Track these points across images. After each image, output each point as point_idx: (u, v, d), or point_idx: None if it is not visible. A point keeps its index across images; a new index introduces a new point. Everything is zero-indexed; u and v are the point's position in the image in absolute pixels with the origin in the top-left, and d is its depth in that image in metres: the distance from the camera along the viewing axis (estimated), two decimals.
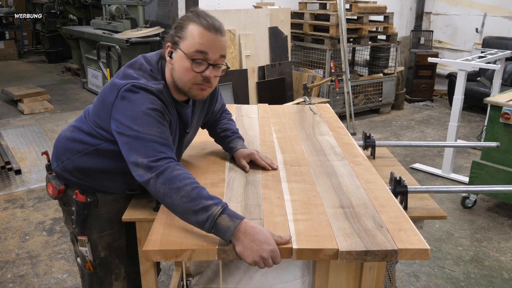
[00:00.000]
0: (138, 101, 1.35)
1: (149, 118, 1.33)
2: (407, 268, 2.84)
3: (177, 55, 1.41)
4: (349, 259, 1.17)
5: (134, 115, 1.33)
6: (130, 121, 1.33)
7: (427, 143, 2.63)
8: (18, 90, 6.78)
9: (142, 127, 1.32)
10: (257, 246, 1.17)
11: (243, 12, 4.95)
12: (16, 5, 11.32)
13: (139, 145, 1.31)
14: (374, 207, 1.40)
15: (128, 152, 1.33)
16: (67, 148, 1.57)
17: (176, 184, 1.25)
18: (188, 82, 1.42)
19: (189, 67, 1.39)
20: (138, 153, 1.30)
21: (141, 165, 1.29)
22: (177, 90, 1.46)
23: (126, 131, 1.33)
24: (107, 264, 1.71)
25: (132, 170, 1.32)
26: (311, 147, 1.94)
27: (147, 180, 1.27)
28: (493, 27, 6.76)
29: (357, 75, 6.39)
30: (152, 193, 1.30)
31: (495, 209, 3.64)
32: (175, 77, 1.43)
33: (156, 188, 1.26)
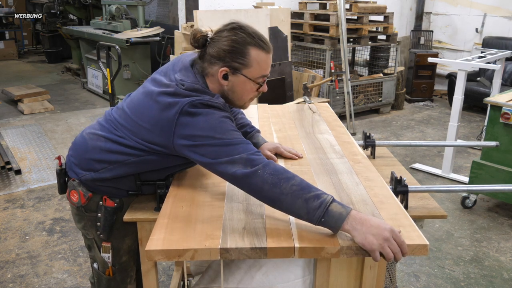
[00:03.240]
0: (209, 113, 1.35)
1: (227, 125, 1.35)
2: (407, 268, 2.84)
3: (238, 79, 1.44)
4: (349, 254, 1.18)
5: (212, 125, 1.33)
6: (209, 131, 1.32)
7: (427, 142, 2.63)
8: (18, 90, 6.78)
9: (224, 134, 1.32)
10: (376, 229, 1.15)
11: (243, 12, 4.95)
12: (16, 5, 11.32)
13: (229, 149, 1.30)
14: (374, 203, 1.41)
15: (216, 158, 1.30)
16: (103, 159, 1.53)
17: (285, 174, 1.25)
18: (247, 100, 1.50)
19: (254, 89, 1.47)
20: (231, 154, 1.29)
21: (240, 160, 1.27)
22: (228, 101, 1.49)
23: (207, 141, 1.31)
24: (125, 268, 1.72)
25: (226, 170, 1.29)
26: (311, 146, 1.94)
27: (253, 171, 1.25)
28: (493, 27, 6.76)
29: (357, 75, 6.39)
30: (254, 185, 1.25)
31: (495, 209, 3.64)
32: (232, 96, 1.47)
33: (264, 178, 1.24)
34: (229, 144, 1.31)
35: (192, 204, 1.42)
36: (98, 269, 1.72)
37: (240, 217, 1.33)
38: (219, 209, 1.38)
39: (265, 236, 1.22)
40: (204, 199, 1.45)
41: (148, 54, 6.70)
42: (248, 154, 1.28)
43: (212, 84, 1.46)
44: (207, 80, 1.47)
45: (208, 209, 1.38)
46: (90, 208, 1.60)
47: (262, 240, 1.20)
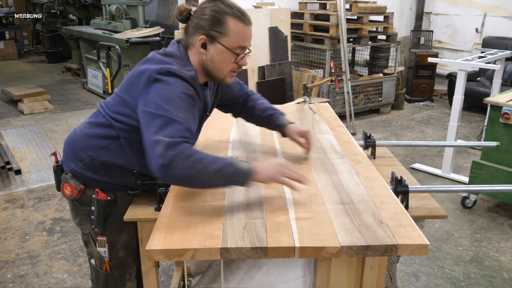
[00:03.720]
0: (173, 83, 1.39)
1: (181, 102, 1.38)
2: (407, 268, 2.84)
3: (215, 48, 1.47)
4: (350, 254, 1.18)
5: (168, 96, 1.36)
6: (162, 101, 1.35)
7: (427, 143, 2.63)
8: (18, 90, 6.78)
9: (173, 108, 1.34)
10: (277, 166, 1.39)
11: None
12: (16, 5, 11.32)
13: (165, 124, 1.32)
14: (374, 203, 1.41)
15: (151, 128, 1.33)
16: (87, 146, 1.56)
17: (196, 156, 1.30)
18: (226, 71, 1.52)
19: (231, 59, 1.49)
20: (162, 132, 1.31)
21: (162, 143, 1.28)
22: (209, 77, 1.55)
23: (156, 109, 1.34)
24: (123, 264, 1.72)
25: (150, 148, 1.31)
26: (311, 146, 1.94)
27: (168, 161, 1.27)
28: (493, 27, 6.76)
29: (357, 75, 6.39)
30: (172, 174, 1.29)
31: (495, 209, 3.64)
32: (211, 67, 1.50)
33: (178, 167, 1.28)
34: (170, 120, 1.32)
35: (193, 204, 1.42)
36: (96, 265, 1.71)
37: (240, 216, 1.33)
38: (219, 209, 1.38)
39: (265, 236, 1.22)
40: (204, 199, 1.45)
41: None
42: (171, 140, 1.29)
43: (194, 55, 1.52)
44: (189, 52, 1.52)
45: (209, 209, 1.38)
46: (84, 201, 1.61)
47: (262, 240, 1.20)
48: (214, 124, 2.25)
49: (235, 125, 2.24)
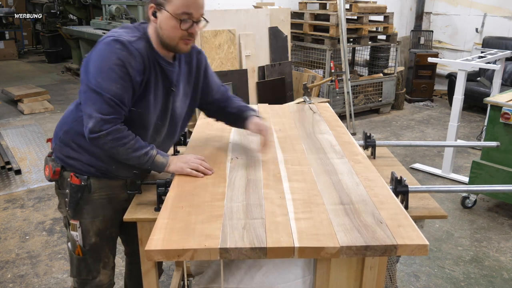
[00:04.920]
0: (111, 51, 1.48)
1: (112, 73, 1.47)
2: (407, 268, 2.84)
3: (162, 15, 1.54)
4: (349, 254, 1.18)
5: (101, 67, 1.48)
6: (96, 72, 1.48)
7: (427, 143, 2.63)
8: (18, 90, 6.78)
9: (104, 80, 1.47)
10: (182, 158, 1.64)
11: (243, 12, 4.95)
12: (16, 5, 11.32)
13: (96, 98, 1.47)
14: (374, 203, 1.41)
15: (85, 101, 1.50)
16: (63, 123, 1.70)
17: (122, 140, 1.52)
18: (176, 38, 1.56)
19: (177, 26, 1.54)
20: (94, 107, 1.47)
21: (95, 119, 1.47)
22: (163, 46, 1.60)
23: (89, 80, 1.49)
24: (97, 251, 1.75)
25: (85, 121, 1.50)
26: (311, 146, 1.94)
27: (98, 136, 1.48)
28: (493, 27, 6.76)
29: (357, 75, 6.39)
30: (98, 145, 1.52)
31: (495, 209, 3.64)
32: (162, 34, 1.57)
33: (104, 144, 1.50)
34: (100, 93, 1.47)
35: (192, 204, 1.41)
36: (70, 248, 1.76)
37: (239, 217, 1.33)
38: (218, 209, 1.38)
39: (264, 236, 1.22)
40: (204, 199, 1.45)
41: None
42: (102, 118, 1.47)
43: (151, 27, 1.61)
44: (149, 25, 1.61)
45: (208, 209, 1.38)
46: (62, 184, 1.71)
47: (261, 240, 1.20)
48: (214, 124, 2.25)
49: None
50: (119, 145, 1.51)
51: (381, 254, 1.19)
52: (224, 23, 4.76)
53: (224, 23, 4.76)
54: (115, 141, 1.50)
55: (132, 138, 1.55)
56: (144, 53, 1.54)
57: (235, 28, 4.84)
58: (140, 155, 1.56)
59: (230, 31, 4.78)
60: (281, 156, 1.83)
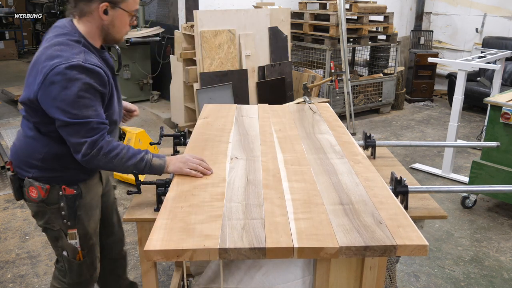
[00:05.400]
0: (70, 84, 1.48)
1: (83, 100, 1.50)
2: (407, 268, 2.84)
3: (117, 13, 1.61)
4: (348, 255, 1.18)
5: (70, 100, 1.48)
6: (67, 106, 1.49)
7: (427, 143, 2.63)
8: (18, 90, 6.78)
9: (79, 110, 1.50)
10: (180, 158, 1.66)
11: (243, 12, 4.94)
12: (16, 5, 11.32)
13: (79, 127, 1.51)
14: (373, 204, 1.41)
15: (69, 134, 1.53)
16: (30, 153, 1.66)
17: (114, 151, 1.56)
18: (125, 32, 1.68)
19: (128, 22, 1.66)
20: (79, 135, 1.52)
21: (85, 145, 1.52)
22: (106, 40, 1.68)
23: (65, 116, 1.49)
24: (94, 249, 1.83)
25: (74, 149, 1.55)
26: (311, 146, 1.94)
27: (90, 157, 1.54)
28: (493, 27, 6.76)
29: (357, 75, 6.39)
30: (93, 165, 1.57)
31: (495, 209, 3.64)
32: (112, 30, 1.64)
33: (99, 161, 1.55)
34: (79, 123, 1.50)
35: (191, 204, 1.41)
36: (68, 256, 1.77)
37: (239, 217, 1.33)
38: (218, 209, 1.38)
39: (264, 236, 1.22)
40: (203, 200, 1.44)
41: (148, 54, 6.70)
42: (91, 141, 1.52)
43: (88, 23, 1.61)
44: (80, 22, 1.61)
45: (207, 210, 1.38)
46: (51, 201, 1.69)
47: (261, 240, 1.20)
48: (214, 124, 2.25)
49: (235, 125, 2.23)
50: (112, 157, 1.56)
51: (381, 255, 1.19)
52: (224, 23, 4.76)
53: (224, 23, 4.76)
54: (108, 155, 1.55)
55: (122, 147, 1.59)
56: (98, 63, 1.57)
57: (235, 28, 4.83)
58: (136, 162, 1.60)
59: (230, 31, 4.78)
60: (281, 156, 1.82)
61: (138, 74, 6.63)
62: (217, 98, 4.71)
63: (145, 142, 4.02)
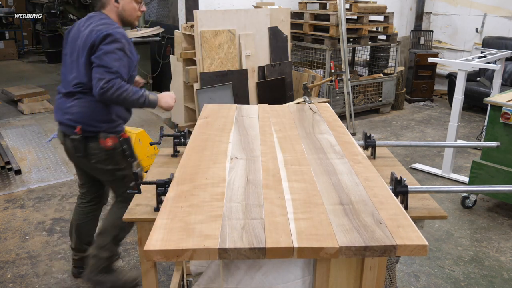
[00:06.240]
0: (111, 43, 2.12)
1: (115, 55, 2.12)
2: (407, 268, 2.84)
3: (124, 1, 2.27)
4: (348, 255, 1.18)
5: (108, 51, 2.11)
6: (104, 54, 2.10)
7: (427, 143, 2.63)
8: (18, 90, 6.78)
9: (110, 59, 2.10)
10: (169, 96, 2.37)
11: (243, 12, 4.95)
12: (16, 5, 11.32)
13: (104, 69, 2.09)
14: (373, 204, 1.41)
15: (96, 72, 2.09)
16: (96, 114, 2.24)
17: (124, 88, 2.12)
18: (136, 17, 2.33)
19: (136, 7, 2.31)
20: (102, 73, 2.09)
21: (103, 79, 2.07)
22: (123, 23, 2.32)
23: (99, 60, 2.10)
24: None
25: (95, 84, 2.08)
26: (311, 146, 1.94)
27: (105, 90, 2.07)
28: (493, 27, 6.76)
29: (357, 75, 6.39)
30: (107, 97, 2.09)
31: (495, 209, 3.64)
32: (125, 15, 2.30)
33: (112, 94, 2.08)
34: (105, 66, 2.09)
35: (191, 204, 1.41)
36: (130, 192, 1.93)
37: (239, 217, 1.32)
38: (218, 209, 1.38)
39: (264, 236, 1.22)
40: (203, 199, 1.44)
41: (148, 54, 6.70)
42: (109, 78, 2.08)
43: (110, 11, 2.28)
44: (106, 11, 2.27)
45: (207, 209, 1.37)
46: (117, 146, 2.29)
47: (261, 240, 1.20)
48: (214, 124, 2.25)
49: (235, 125, 2.23)
50: (122, 92, 2.09)
51: (381, 255, 1.19)
52: (224, 23, 4.76)
53: (224, 23, 4.76)
54: (118, 90, 2.08)
55: (129, 86, 2.14)
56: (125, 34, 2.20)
57: (235, 28, 4.83)
58: (139, 97, 2.17)
59: (230, 31, 4.78)
60: (281, 156, 1.82)
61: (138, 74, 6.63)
62: (217, 98, 4.71)
63: (145, 142, 4.02)
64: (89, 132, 2.22)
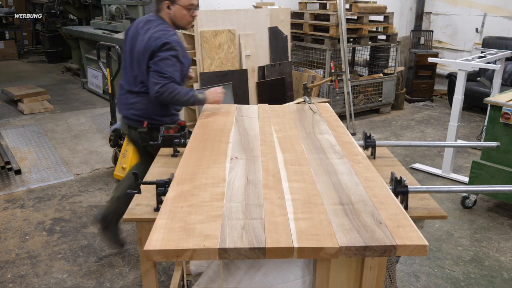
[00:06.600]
0: (166, 50, 2.36)
1: (169, 61, 2.37)
2: (407, 268, 2.84)
3: (175, 8, 2.47)
4: (348, 255, 1.18)
5: (162, 58, 2.36)
6: (159, 61, 2.35)
7: (427, 143, 2.63)
8: (18, 90, 6.78)
9: (165, 65, 2.35)
10: (215, 92, 2.56)
11: (243, 12, 4.95)
12: (16, 5, 11.33)
13: (159, 74, 2.35)
14: (373, 204, 1.41)
15: (152, 76, 2.36)
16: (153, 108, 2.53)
17: (176, 90, 2.36)
18: (186, 22, 2.53)
19: (187, 14, 2.49)
20: (157, 78, 2.34)
21: (158, 84, 2.33)
22: (176, 27, 2.53)
23: (155, 66, 2.35)
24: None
25: (151, 87, 2.36)
26: (311, 146, 1.94)
27: (160, 94, 2.34)
28: (493, 27, 6.76)
29: (357, 75, 6.39)
30: (162, 99, 2.36)
31: (495, 209, 3.64)
32: (177, 20, 2.51)
33: (166, 96, 2.34)
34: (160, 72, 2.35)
35: (191, 204, 1.41)
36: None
37: (239, 217, 1.33)
38: (218, 209, 1.38)
39: (264, 236, 1.22)
40: (203, 200, 1.44)
41: None
42: (164, 83, 2.34)
43: (164, 15, 2.50)
44: (161, 15, 2.50)
45: (207, 209, 1.37)
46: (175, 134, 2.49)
47: (261, 240, 1.20)
48: (214, 124, 2.25)
49: (235, 126, 2.23)
50: (175, 95, 2.35)
51: (380, 255, 1.19)
52: (224, 23, 4.76)
53: (224, 23, 4.76)
54: (172, 93, 2.34)
55: (181, 89, 2.38)
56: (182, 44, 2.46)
57: (235, 28, 4.83)
58: (190, 97, 2.41)
59: (230, 31, 4.78)
60: (281, 156, 1.82)
61: None
62: None
63: None
64: (153, 125, 2.53)
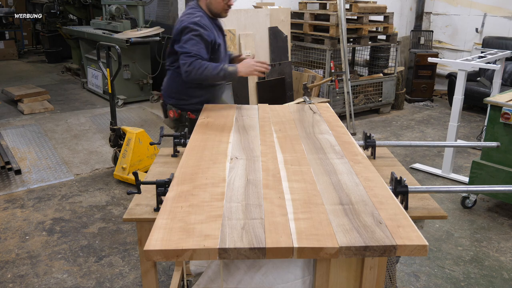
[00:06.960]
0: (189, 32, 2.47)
1: (193, 41, 2.46)
2: (407, 268, 2.84)
3: None
4: (348, 255, 1.18)
5: (185, 40, 2.47)
6: (184, 43, 2.47)
7: (427, 143, 2.63)
8: (18, 90, 6.78)
9: (189, 45, 2.46)
10: (247, 63, 2.51)
11: (243, 12, 4.95)
12: (16, 5, 11.33)
13: (186, 55, 2.44)
14: (373, 204, 1.41)
15: (181, 58, 2.47)
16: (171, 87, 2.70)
17: (204, 66, 2.42)
18: (221, 9, 2.64)
19: (221, 2, 2.60)
20: (184, 58, 2.44)
21: (186, 63, 2.43)
22: (212, 14, 2.64)
23: (181, 48, 2.47)
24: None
25: (181, 68, 2.45)
26: (311, 146, 1.94)
27: (190, 72, 2.43)
28: (493, 27, 6.76)
29: (357, 75, 6.39)
30: (192, 77, 2.44)
31: (495, 209, 3.64)
32: (212, 7, 2.61)
33: (195, 74, 2.42)
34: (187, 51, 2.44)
35: (191, 204, 1.41)
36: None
37: (239, 217, 1.33)
38: (218, 209, 1.38)
39: (264, 236, 1.22)
40: (203, 200, 1.44)
41: (148, 54, 6.70)
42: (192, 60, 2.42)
43: (202, 3, 2.62)
44: (200, 2, 2.63)
45: (207, 209, 1.38)
46: (182, 121, 2.70)
47: (261, 240, 1.20)
48: (214, 124, 2.25)
49: (235, 125, 2.23)
50: (204, 70, 2.40)
51: (381, 255, 1.19)
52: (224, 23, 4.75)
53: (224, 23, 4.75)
54: (200, 69, 2.40)
55: (208, 64, 2.43)
56: (207, 23, 2.53)
57: (235, 28, 4.83)
58: (219, 71, 2.43)
59: (230, 31, 4.78)
60: (281, 156, 1.83)
61: (138, 74, 6.64)
62: None
63: (145, 142, 4.02)
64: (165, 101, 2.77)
